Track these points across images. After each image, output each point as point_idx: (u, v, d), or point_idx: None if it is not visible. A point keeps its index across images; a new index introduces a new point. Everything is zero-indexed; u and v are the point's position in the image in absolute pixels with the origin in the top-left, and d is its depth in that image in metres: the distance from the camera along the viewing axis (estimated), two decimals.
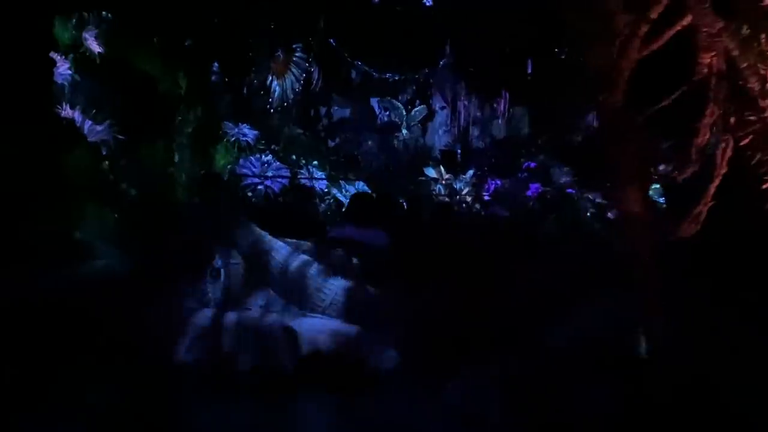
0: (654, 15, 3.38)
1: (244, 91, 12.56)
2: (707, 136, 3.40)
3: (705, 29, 3.12)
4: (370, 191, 13.20)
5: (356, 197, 6.26)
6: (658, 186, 16.04)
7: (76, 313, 5.93)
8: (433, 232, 6.11)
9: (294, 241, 5.07)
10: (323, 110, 13.81)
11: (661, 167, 15.36)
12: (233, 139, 11.74)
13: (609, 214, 15.65)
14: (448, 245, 5.61)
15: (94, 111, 9.44)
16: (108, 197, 9.02)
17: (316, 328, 4.48)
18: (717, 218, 3.87)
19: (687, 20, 3.25)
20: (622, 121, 3.94)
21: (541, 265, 7.39)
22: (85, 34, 9.57)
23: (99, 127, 9.39)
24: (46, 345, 5.31)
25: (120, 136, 9.63)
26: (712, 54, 3.15)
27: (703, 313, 4.42)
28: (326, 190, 12.25)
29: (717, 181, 3.50)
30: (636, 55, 3.64)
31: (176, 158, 11.12)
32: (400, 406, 4.46)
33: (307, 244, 5.14)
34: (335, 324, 4.57)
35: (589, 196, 15.69)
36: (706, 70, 3.22)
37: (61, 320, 5.66)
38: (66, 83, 9.40)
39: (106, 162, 9.25)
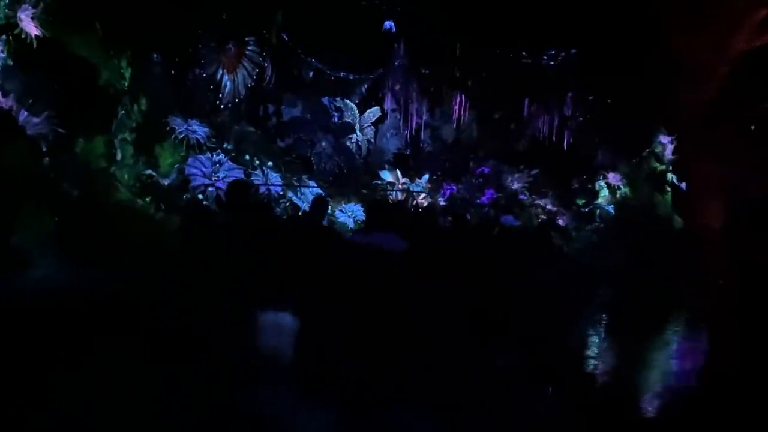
0: None
1: (190, 84, 11.58)
2: None
3: None
4: (324, 194, 12.56)
5: (373, 205, 5.76)
6: (607, 194, 16.21)
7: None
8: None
9: None
10: (275, 108, 12.98)
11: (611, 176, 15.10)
12: (182, 136, 10.78)
13: (559, 221, 15.68)
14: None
15: (30, 101, 8.35)
16: (48, 198, 7.97)
17: None
18: None
19: None
20: (708, 125, 3.50)
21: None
22: (21, 14, 8.44)
23: (36, 119, 8.32)
24: None
25: (60, 130, 8.58)
26: None
27: None
28: (281, 193, 11.49)
29: None
30: (744, 46, 3.19)
31: (119, 155, 10.10)
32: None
33: None
34: None
35: (540, 203, 15.64)
36: None
37: None
38: None
39: (46, 158, 8.18)
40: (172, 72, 11.07)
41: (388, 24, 13.24)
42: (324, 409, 4.36)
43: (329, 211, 11.93)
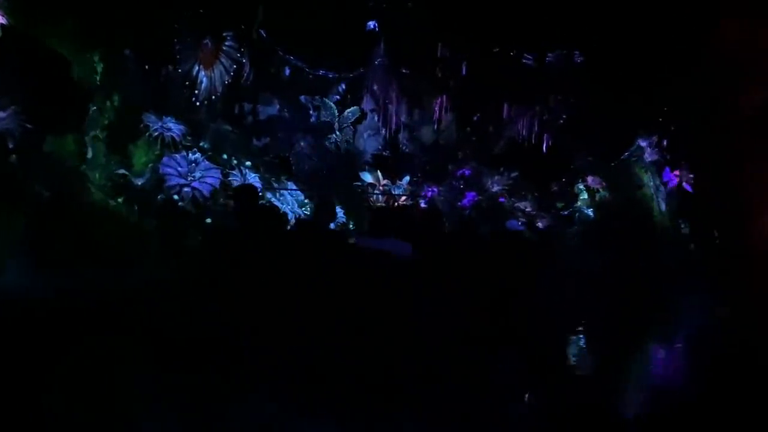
0: None
1: (165, 80, 11.12)
2: None
3: None
4: (303, 196, 12.24)
5: (378, 210, 5.55)
6: (586, 197, 16.16)
7: None
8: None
9: None
10: (253, 107, 12.57)
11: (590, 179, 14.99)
12: (156, 134, 10.33)
13: (539, 224, 15.58)
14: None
15: None
16: (16, 198, 7.51)
17: None
18: None
19: None
20: (761, 127, 3.29)
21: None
22: None
23: (2, 114, 7.86)
24: None
25: (28, 126, 8.10)
26: None
27: None
28: (260, 194, 11.11)
29: None
30: None
31: (90, 154, 9.63)
32: None
33: None
34: None
35: (520, 206, 15.52)
36: None
37: None
38: None
39: (14, 156, 7.71)
40: (147, 67, 10.61)
41: (372, 23, 12.98)
42: (326, 413, 4.19)
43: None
